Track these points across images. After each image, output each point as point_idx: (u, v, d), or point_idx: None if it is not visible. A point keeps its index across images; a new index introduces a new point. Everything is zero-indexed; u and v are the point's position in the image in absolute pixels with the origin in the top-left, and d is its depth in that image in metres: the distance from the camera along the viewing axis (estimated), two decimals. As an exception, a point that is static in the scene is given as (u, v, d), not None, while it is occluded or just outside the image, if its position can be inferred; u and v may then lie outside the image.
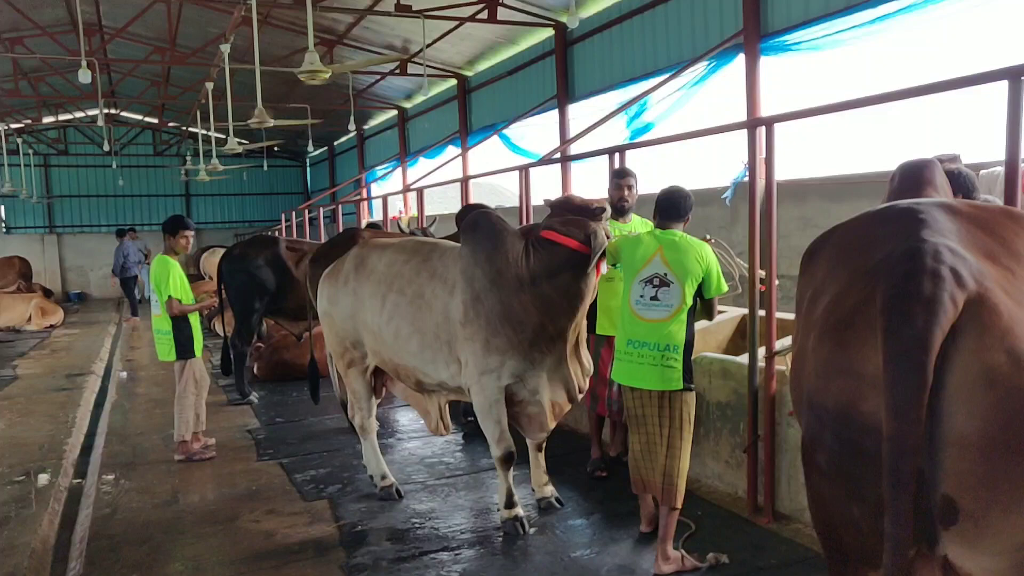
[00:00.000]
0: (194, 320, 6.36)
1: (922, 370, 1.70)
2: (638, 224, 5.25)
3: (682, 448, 3.99)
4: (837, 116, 4.99)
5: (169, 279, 6.18)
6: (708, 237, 4.78)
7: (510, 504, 4.62)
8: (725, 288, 4.04)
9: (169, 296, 6.14)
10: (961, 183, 4.03)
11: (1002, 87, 3.27)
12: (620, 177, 5.31)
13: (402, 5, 11.13)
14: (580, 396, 4.67)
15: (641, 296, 3.94)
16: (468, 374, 4.47)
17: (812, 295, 2.15)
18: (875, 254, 1.94)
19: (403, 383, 5.05)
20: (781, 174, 8.28)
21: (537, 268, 4.29)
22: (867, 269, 1.93)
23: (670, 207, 4.09)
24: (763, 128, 4.50)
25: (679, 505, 4.00)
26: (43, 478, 5.93)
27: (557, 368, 4.53)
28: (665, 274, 3.90)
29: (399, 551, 4.39)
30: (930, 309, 1.72)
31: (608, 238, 4.30)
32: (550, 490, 5.01)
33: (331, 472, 5.82)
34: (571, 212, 4.37)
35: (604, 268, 4.52)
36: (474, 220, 4.62)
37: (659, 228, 4.10)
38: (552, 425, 4.71)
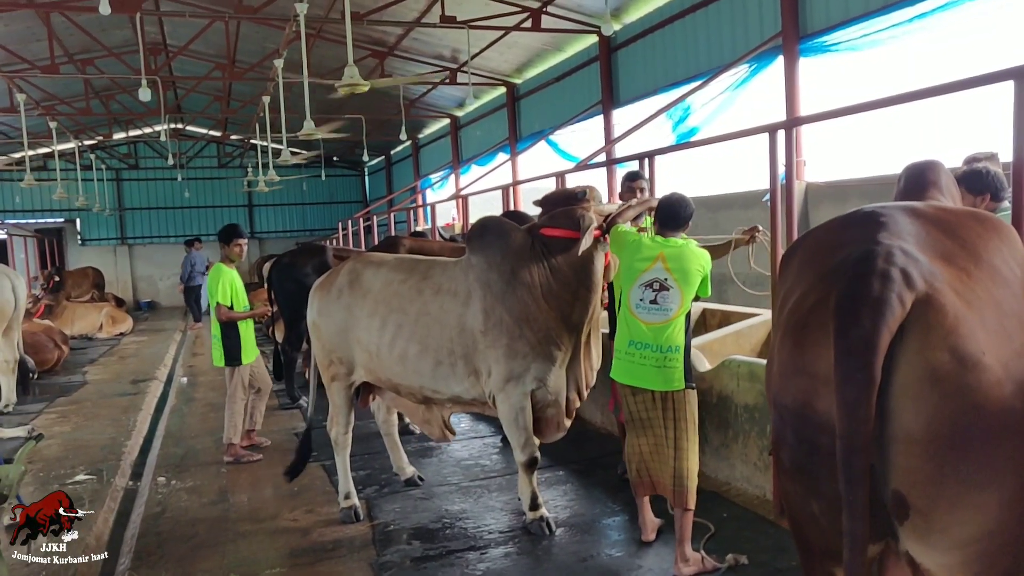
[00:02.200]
0: (244, 327, 6.54)
1: (869, 368, 1.76)
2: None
3: (689, 449, 4.02)
4: (876, 116, 4.95)
5: (219, 286, 6.42)
6: (759, 227, 4.96)
7: (535, 506, 4.70)
8: (710, 292, 4.14)
9: (217, 303, 6.41)
10: (989, 182, 4.00)
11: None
12: (632, 180, 5.34)
13: (447, 17, 11.34)
14: (586, 392, 4.73)
15: (641, 300, 3.99)
16: (493, 383, 4.50)
17: (784, 297, 2.21)
18: (836, 257, 2.00)
19: (403, 398, 5.05)
20: (820, 176, 8.25)
21: (544, 265, 4.39)
22: (826, 271, 2.00)
23: (669, 216, 4.11)
24: (783, 132, 4.50)
25: (692, 506, 4.02)
26: (102, 478, 6.24)
27: (572, 365, 4.59)
28: (665, 279, 3.95)
29: (427, 549, 4.54)
30: (877, 310, 1.77)
31: (609, 223, 4.37)
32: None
33: (370, 474, 6.00)
34: (556, 204, 4.51)
35: (611, 255, 4.53)
36: (481, 226, 4.71)
37: (659, 235, 4.13)
38: (568, 424, 4.73)
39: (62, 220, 25.91)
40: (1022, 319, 1.91)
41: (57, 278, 18.22)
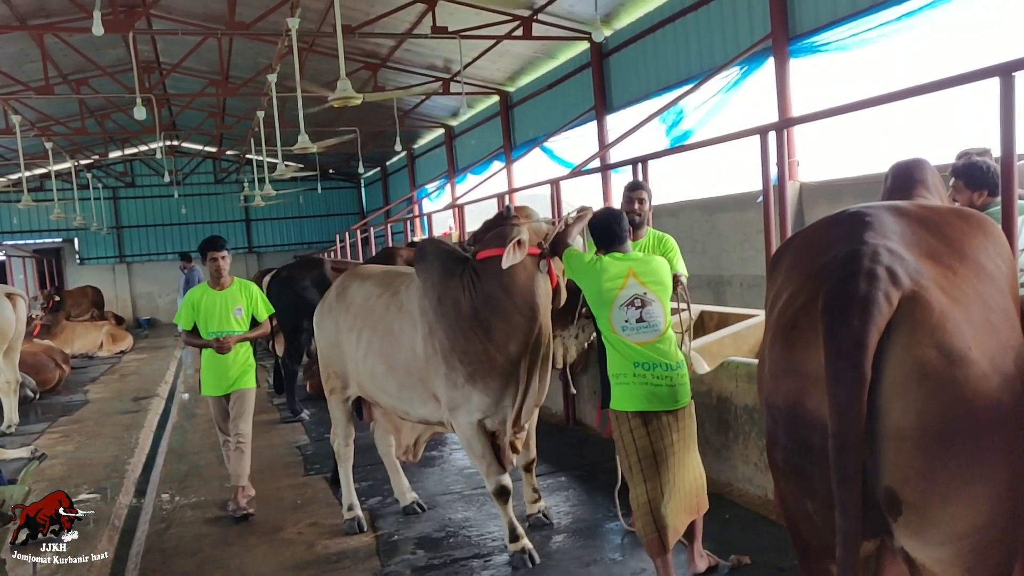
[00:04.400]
0: (207, 356, 5.70)
1: (859, 367, 1.78)
2: (653, 238, 5.06)
3: (697, 456, 3.93)
4: (867, 114, 5.00)
5: (181, 308, 5.79)
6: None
7: (515, 537, 4.42)
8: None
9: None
10: (988, 178, 4.05)
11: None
12: (631, 190, 5.15)
13: (438, 27, 11.40)
14: (527, 424, 4.50)
15: (626, 321, 3.72)
16: (444, 411, 4.39)
17: (773, 298, 2.24)
18: (823, 257, 2.03)
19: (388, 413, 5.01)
20: (814, 175, 8.30)
21: (472, 292, 4.13)
22: (814, 272, 2.02)
23: (605, 234, 3.88)
24: (773, 133, 4.54)
25: (707, 506, 3.97)
26: (106, 496, 6.25)
27: (522, 395, 4.27)
28: (644, 293, 3.72)
29: (431, 558, 4.55)
30: (865, 309, 1.80)
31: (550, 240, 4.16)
32: (539, 506, 4.90)
33: (373, 484, 6.01)
34: (489, 229, 4.30)
35: (556, 272, 4.26)
36: (421, 249, 4.56)
37: (616, 252, 3.86)
38: (513, 460, 4.52)
39: (60, 240, 25.97)
40: (1008, 314, 1.94)
41: (57, 298, 18.24)
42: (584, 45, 12.32)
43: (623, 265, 3.78)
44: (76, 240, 26.13)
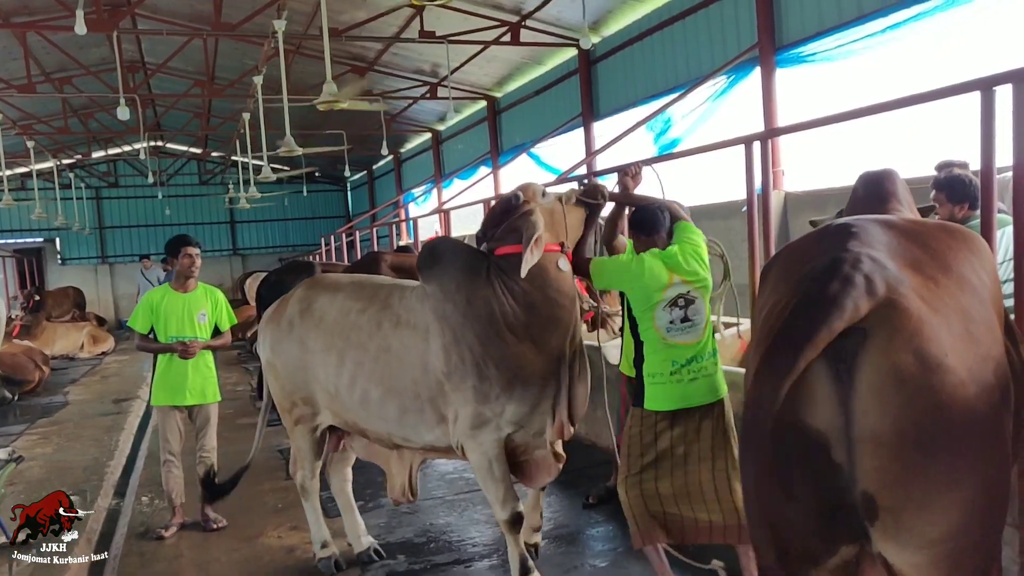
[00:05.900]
0: (165, 362, 5.41)
1: (794, 361, 1.84)
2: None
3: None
4: (852, 125, 5.06)
5: (137, 308, 5.48)
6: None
7: (526, 570, 3.95)
8: None
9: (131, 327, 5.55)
10: (970, 191, 4.10)
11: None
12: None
13: (426, 32, 11.40)
14: (574, 425, 4.01)
15: (671, 322, 3.58)
16: (459, 430, 3.85)
17: (759, 309, 2.26)
18: (806, 267, 2.05)
19: (371, 441, 4.43)
20: (799, 185, 8.34)
21: (503, 291, 3.74)
22: (797, 280, 2.05)
23: (653, 224, 3.76)
24: (758, 143, 4.57)
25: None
26: (85, 499, 6.18)
27: (559, 397, 3.89)
28: (688, 292, 3.60)
29: (412, 564, 4.54)
30: (826, 310, 1.83)
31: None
32: (537, 537, 4.46)
33: (355, 489, 5.94)
34: (497, 222, 3.88)
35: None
36: (432, 249, 4.06)
37: (647, 247, 3.73)
38: (560, 467, 4.11)
39: (41, 240, 25.72)
40: (990, 326, 1.96)
41: (37, 298, 18.07)
42: (572, 52, 12.36)
43: (663, 265, 3.61)
44: (58, 240, 25.88)
